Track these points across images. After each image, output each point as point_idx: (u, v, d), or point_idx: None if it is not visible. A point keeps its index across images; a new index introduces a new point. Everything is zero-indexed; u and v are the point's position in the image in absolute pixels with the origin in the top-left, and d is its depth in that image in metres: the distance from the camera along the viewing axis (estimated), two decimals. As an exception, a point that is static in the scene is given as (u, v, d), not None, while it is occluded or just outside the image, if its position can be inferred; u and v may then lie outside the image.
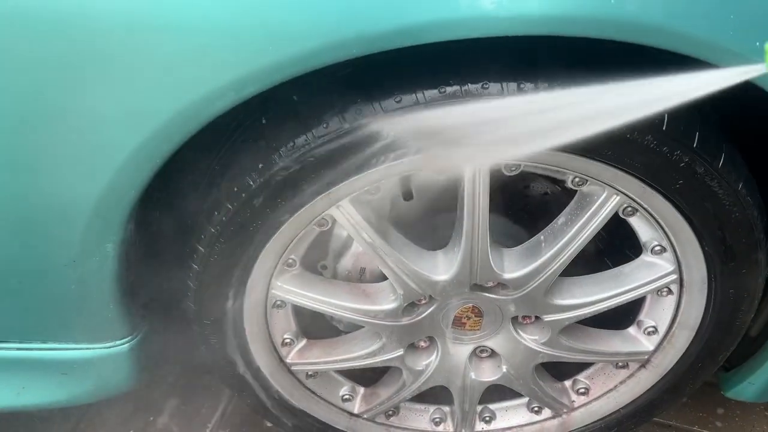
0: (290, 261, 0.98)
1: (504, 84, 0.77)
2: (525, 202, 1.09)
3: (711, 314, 1.01)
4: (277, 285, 1.01)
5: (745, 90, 0.72)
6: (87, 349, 1.09)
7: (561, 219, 0.94)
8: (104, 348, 1.09)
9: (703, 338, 1.05)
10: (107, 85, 0.73)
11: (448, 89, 0.77)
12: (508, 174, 0.88)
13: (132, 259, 1.00)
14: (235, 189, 0.86)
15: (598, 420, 1.22)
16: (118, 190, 0.82)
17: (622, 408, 1.19)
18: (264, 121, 0.86)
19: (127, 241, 0.94)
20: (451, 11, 0.66)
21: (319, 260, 1.10)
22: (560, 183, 0.99)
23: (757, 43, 0.67)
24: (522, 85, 0.76)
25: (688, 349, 1.08)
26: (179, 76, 0.72)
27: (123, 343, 1.08)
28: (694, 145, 0.82)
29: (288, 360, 1.13)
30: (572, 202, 0.93)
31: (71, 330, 1.06)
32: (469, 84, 0.77)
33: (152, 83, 0.73)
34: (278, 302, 1.04)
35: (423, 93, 0.78)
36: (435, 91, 0.77)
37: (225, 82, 0.72)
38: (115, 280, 0.97)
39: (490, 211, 1.07)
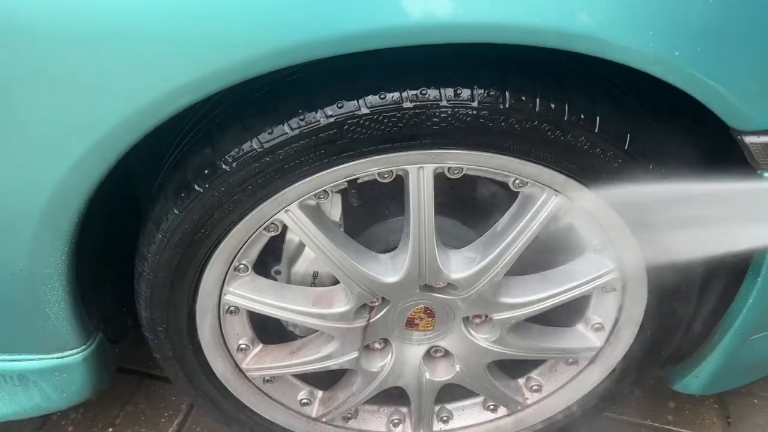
0: (241, 266, 0.99)
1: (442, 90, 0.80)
2: (473, 204, 1.12)
3: (652, 309, 1.05)
4: (229, 291, 1.01)
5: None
6: (40, 359, 1.08)
7: (505, 220, 0.97)
8: (57, 358, 1.08)
9: (646, 333, 1.09)
10: (48, 96, 0.74)
11: (388, 95, 0.80)
12: (451, 177, 0.90)
13: (83, 268, 1.00)
14: (182, 195, 0.87)
15: (552, 416, 1.25)
16: (62, 200, 0.83)
17: (574, 403, 1.22)
18: (210, 128, 0.87)
19: (77, 250, 0.94)
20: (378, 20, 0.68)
21: (273, 266, 1.11)
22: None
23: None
24: (458, 91, 0.79)
25: (633, 343, 1.11)
26: (120, 86, 0.73)
27: (77, 353, 1.08)
28: (626, 147, 0.85)
29: (244, 366, 1.13)
30: (515, 204, 0.96)
31: (23, 341, 1.05)
32: (408, 90, 0.80)
33: (94, 93, 0.74)
34: (231, 308, 1.05)
35: (364, 99, 0.80)
36: (376, 97, 0.80)
37: (166, 90, 0.73)
38: (65, 289, 0.97)
39: (440, 213, 1.10)
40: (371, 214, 1.11)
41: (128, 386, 1.50)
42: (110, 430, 1.43)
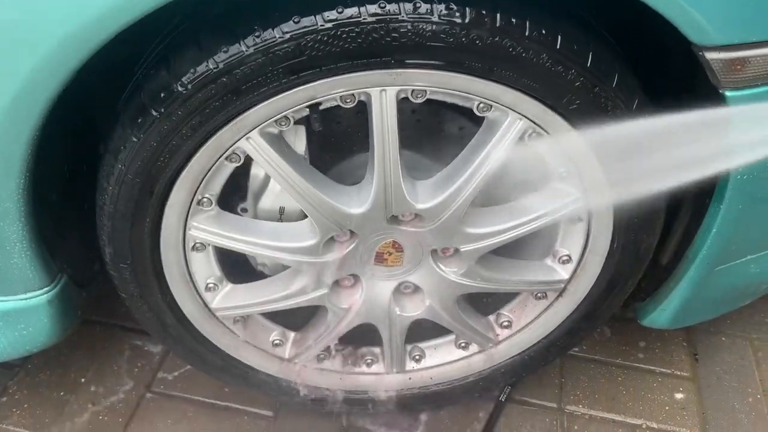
0: (205, 200, 0.98)
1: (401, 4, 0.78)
2: (440, 137, 1.11)
3: (617, 239, 1.06)
4: (193, 225, 1.00)
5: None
6: (3, 301, 1.06)
7: (469, 147, 0.97)
8: (21, 300, 1.06)
9: (612, 264, 1.10)
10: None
11: (347, 10, 0.78)
12: (415, 101, 0.89)
13: (44, 206, 0.98)
14: (139, 121, 0.85)
15: (522, 351, 1.26)
16: (12, 124, 0.80)
17: (543, 338, 1.24)
18: (166, 51, 0.85)
19: (37, 187, 0.92)
20: None
21: (239, 204, 1.10)
22: (473, 116, 1.01)
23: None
24: (418, 5, 0.78)
25: (600, 275, 1.12)
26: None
27: (41, 294, 1.06)
28: (588, 64, 0.85)
29: (213, 306, 1.13)
30: (479, 130, 0.96)
31: (-17, 282, 1.03)
32: (367, 4, 0.78)
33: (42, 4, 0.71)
34: (197, 245, 1.04)
35: (321, 15, 0.78)
36: (334, 12, 0.78)
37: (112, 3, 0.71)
38: (25, 225, 0.94)
39: (407, 147, 1.09)
40: (338, 149, 1.10)
41: (98, 337, 1.49)
42: (82, 380, 1.42)
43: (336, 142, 1.09)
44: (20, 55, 0.74)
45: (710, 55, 0.83)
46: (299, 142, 1.00)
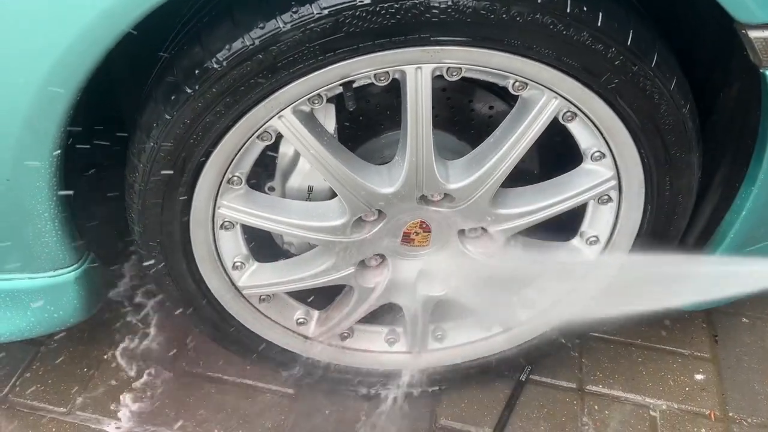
0: (235, 179, 0.97)
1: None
2: (471, 117, 1.10)
3: (648, 219, 1.05)
4: (223, 204, 1.00)
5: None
6: (31, 278, 1.06)
7: (503, 126, 0.96)
8: (49, 277, 1.07)
9: (641, 245, 1.09)
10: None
11: (385, -13, 0.76)
12: (449, 79, 0.88)
13: (72, 183, 0.97)
14: (172, 98, 0.84)
15: (544, 332, 1.26)
16: (46, 102, 0.79)
17: (567, 320, 1.24)
18: (199, 27, 0.83)
19: (64, 161, 0.91)
20: None
21: (267, 183, 1.09)
22: (505, 96, 1.00)
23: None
24: None
25: (627, 258, 1.12)
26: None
27: (68, 272, 1.07)
28: (629, 43, 0.83)
29: (240, 284, 1.13)
30: (513, 109, 0.94)
31: (13, 258, 1.03)
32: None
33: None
34: (226, 223, 1.03)
35: (356, -9, 0.77)
36: (370, -11, 0.76)
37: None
38: (53, 202, 0.94)
39: (438, 128, 1.08)
40: (366, 128, 1.09)
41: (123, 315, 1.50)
42: (105, 356, 1.43)
43: (364, 120, 1.08)
44: (52, 35, 0.73)
45: (754, 34, 0.81)
46: (329, 121, 0.99)
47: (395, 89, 0.90)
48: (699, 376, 1.41)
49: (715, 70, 0.97)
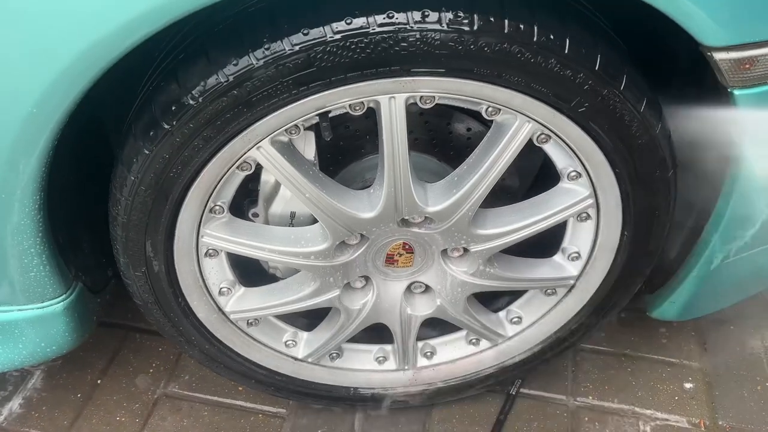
0: (217, 208, 0.99)
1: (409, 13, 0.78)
2: (449, 139, 1.12)
3: (627, 235, 1.07)
4: (206, 233, 1.01)
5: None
6: (20, 310, 1.08)
7: (479, 150, 0.97)
8: (38, 308, 1.08)
9: (622, 259, 1.11)
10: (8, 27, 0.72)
11: (355, 20, 0.78)
12: (423, 107, 0.90)
13: (58, 217, 0.99)
14: (151, 134, 0.86)
15: (532, 346, 1.27)
16: (28, 139, 0.81)
17: (553, 333, 1.25)
18: (175, 64, 0.85)
19: (50, 199, 0.93)
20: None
21: (250, 209, 1.11)
22: (481, 119, 1.01)
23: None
24: (426, 14, 0.78)
25: (609, 271, 1.13)
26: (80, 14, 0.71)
27: (57, 303, 1.08)
28: (596, 68, 0.85)
29: (227, 309, 1.14)
30: (489, 133, 0.96)
31: (2, 291, 1.05)
32: (375, 15, 0.78)
33: (55, 20, 0.72)
34: (210, 251, 1.05)
35: (330, 26, 0.78)
36: (342, 23, 0.78)
37: (124, 19, 0.71)
38: (40, 237, 0.96)
39: (417, 150, 1.10)
40: (347, 153, 1.10)
41: (114, 339, 1.51)
42: (99, 381, 1.44)
43: (344, 145, 1.09)
44: (43, 62, 0.74)
45: (718, 56, 0.83)
46: (309, 148, 1.01)
47: (374, 114, 0.92)
48: (688, 385, 1.42)
49: (687, 88, 0.99)
